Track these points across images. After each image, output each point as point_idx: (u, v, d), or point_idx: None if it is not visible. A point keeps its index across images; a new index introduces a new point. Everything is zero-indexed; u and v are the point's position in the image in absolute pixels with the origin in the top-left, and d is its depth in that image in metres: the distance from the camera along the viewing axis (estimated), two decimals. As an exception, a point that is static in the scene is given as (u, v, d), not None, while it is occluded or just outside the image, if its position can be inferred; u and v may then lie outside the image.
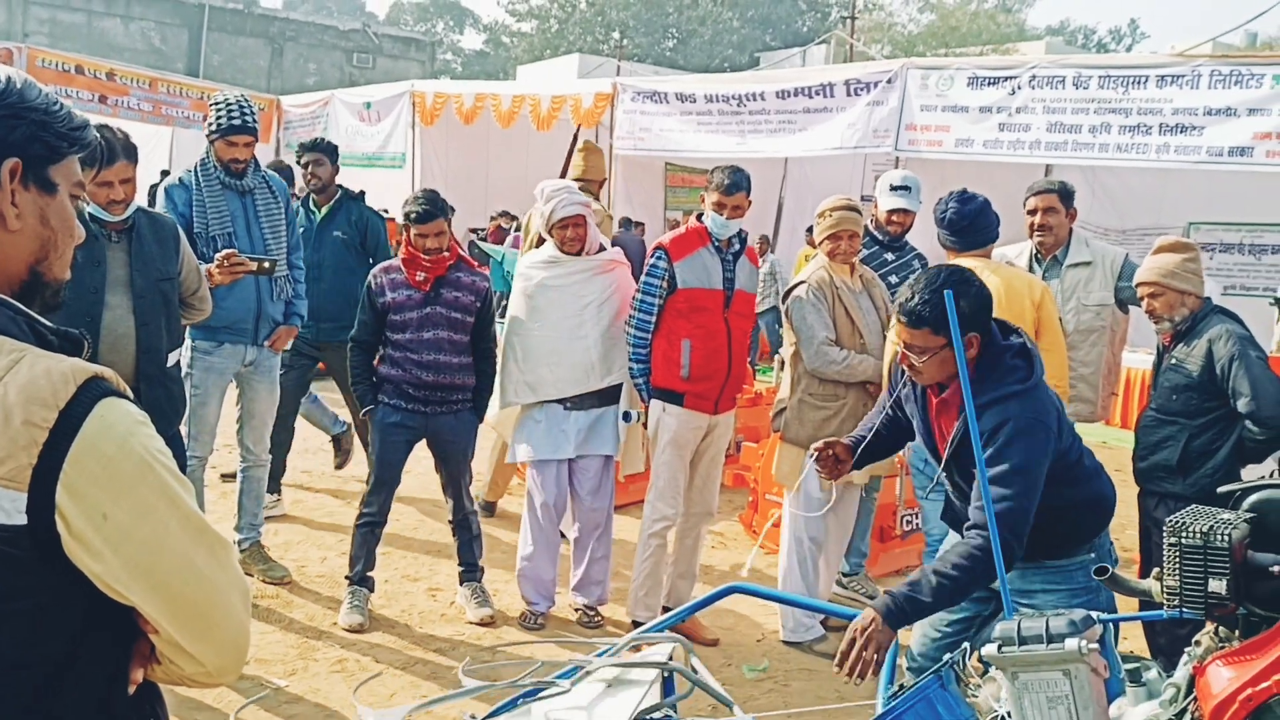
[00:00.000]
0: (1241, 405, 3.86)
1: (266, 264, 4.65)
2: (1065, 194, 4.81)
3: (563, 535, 5.04)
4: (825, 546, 4.75)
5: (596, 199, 6.94)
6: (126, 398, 1.22)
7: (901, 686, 2.63)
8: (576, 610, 4.98)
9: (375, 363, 4.80)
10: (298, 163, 6.12)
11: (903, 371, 3.14)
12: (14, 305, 1.24)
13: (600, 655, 2.60)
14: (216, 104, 4.92)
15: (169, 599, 1.21)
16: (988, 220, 4.32)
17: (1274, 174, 10.34)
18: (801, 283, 4.62)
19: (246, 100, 5.00)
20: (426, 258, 4.63)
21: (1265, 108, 9.97)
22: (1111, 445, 9.94)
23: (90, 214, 3.81)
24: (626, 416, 4.79)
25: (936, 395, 3.08)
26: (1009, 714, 2.45)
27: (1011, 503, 2.73)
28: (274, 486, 5.97)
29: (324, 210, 5.98)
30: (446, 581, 5.27)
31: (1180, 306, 4.06)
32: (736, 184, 4.52)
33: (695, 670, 2.53)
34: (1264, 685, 1.88)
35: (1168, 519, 2.06)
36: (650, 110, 14.86)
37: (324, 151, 6.07)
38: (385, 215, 9.73)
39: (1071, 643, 1.68)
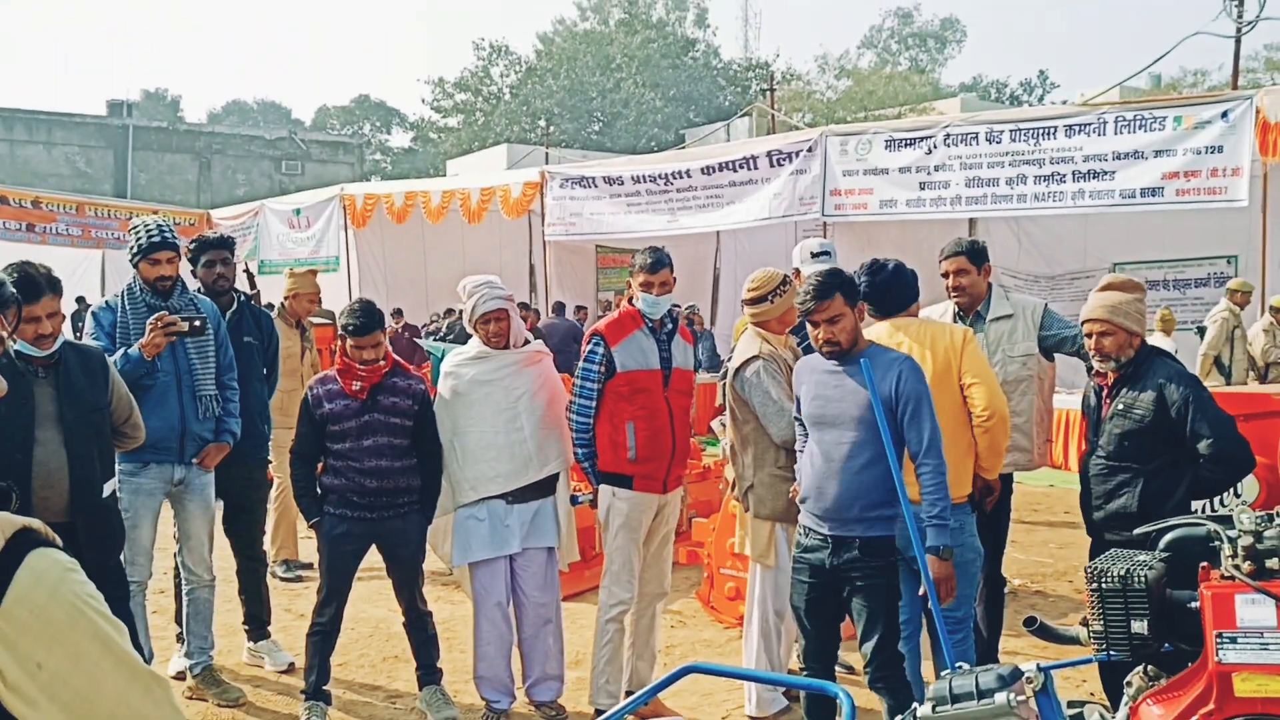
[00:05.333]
0: (1204, 446, 3.82)
1: (196, 322, 4.73)
2: (974, 253, 4.91)
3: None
4: (785, 616, 4.77)
5: (305, 319, 7.65)
6: (56, 546, 1.24)
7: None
8: (537, 707, 4.93)
9: (318, 473, 4.79)
10: (191, 260, 5.49)
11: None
12: None
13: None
14: (135, 228, 4.92)
15: None
16: (902, 284, 4.35)
17: (1186, 211, 10.70)
18: (754, 358, 4.62)
19: (165, 220, 5.02)
20: (362, 367, 4.64)
21: (1170, 148, 10.34)
22: (1059, 487, 10.10)
23: (16, 350, 3.80)
24: (574, 499, 4.80)
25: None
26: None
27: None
28: (261, 631, 5.61)
29: (229, 315, 5.44)
30: (406, 686, 5.21)
31: (1128, 347, 4.03)
32: (659, 261, 4.63)
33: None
34: (1193, 720, 1.94)
35: (1087, 565, 2.12)
36: (579, 195, 15.08)
37: (228, 248, 5.63)
38: (326, 319, 9.72)
39: (1000, 697, 1.72)
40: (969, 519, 4.23)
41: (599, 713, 4.59)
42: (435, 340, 14.89)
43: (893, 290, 4.33)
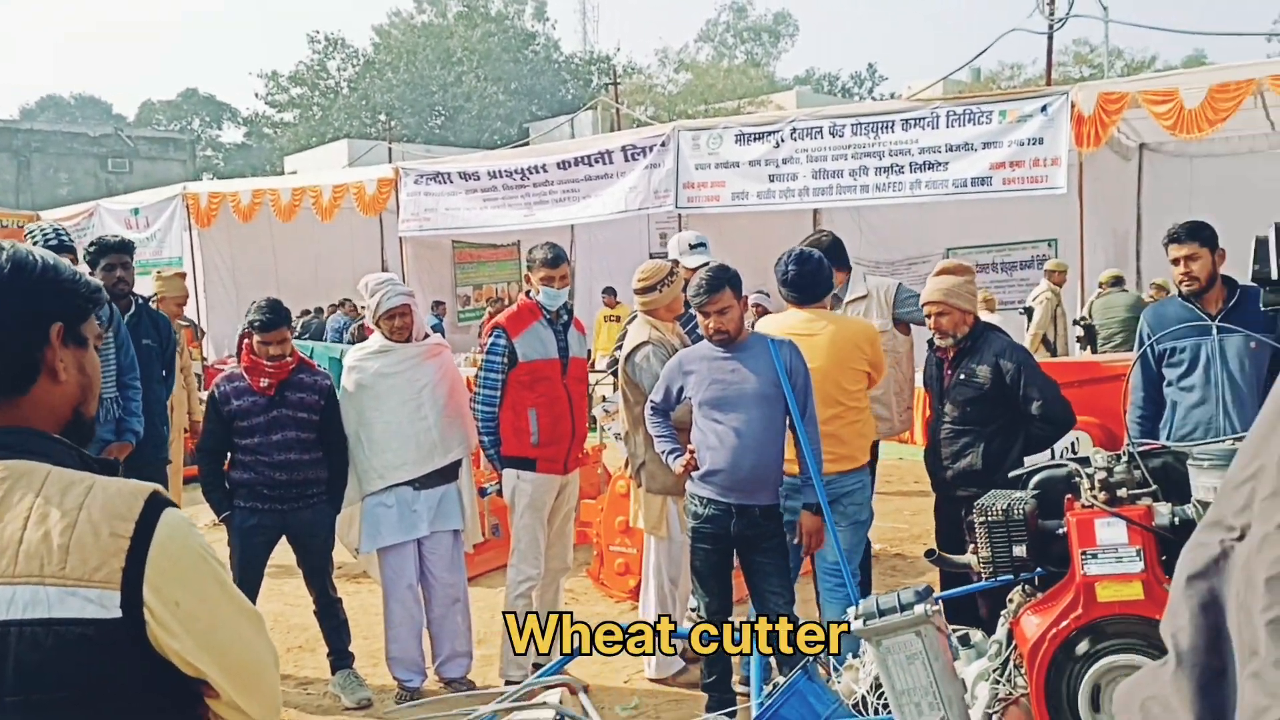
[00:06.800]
0: (1034, 408, 4.39)
1: None
2: (824, 248, 5.31)
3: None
4: (679, 583, 5.13)
5: (178, 316, 7.45)
6: (177, 506, 1.48)
7: (775, 685, 3.02)
8: (448, 684, 5.16)
9: (225, 468, 4.92)
10: (90, 263, 5.45)
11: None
12: (68, 442, 1.49)
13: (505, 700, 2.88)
14: (31, 234, 4.95)
15: (228, 666, 1.47)
16: (825, 275, 4.72)
17: (1012, 198, 11.52)
18: (644, 344, 4.94)
19: (61, 226, 5.04)
20: (269, 364, 4.79)
21: (997, 140, 11.10)
22: (908, 460, 10.78)
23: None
24: (483, 492, 5.05)
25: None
26: (868, 693, 2.87)
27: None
28: None
29: (128, 318, 5.53)
30: (314, 674, 5.36)
31: (963, 324, 4.56)
32: (559, 256, 4.95)
33: (586, 712, 2.85)
34: (1064, 624, 2.36)
35: (975, 503, 2.54)
36: (434, 191, 15.10)
37: (128, 252, 5.61)
38: (185, 322, 9.62)
39: (919, 608, 2.09)
40: (870, 481, 4.69)
41: (510, 684, 4.85)
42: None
43: (817, 280, 4.67)
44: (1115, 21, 35.55)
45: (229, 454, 4.91)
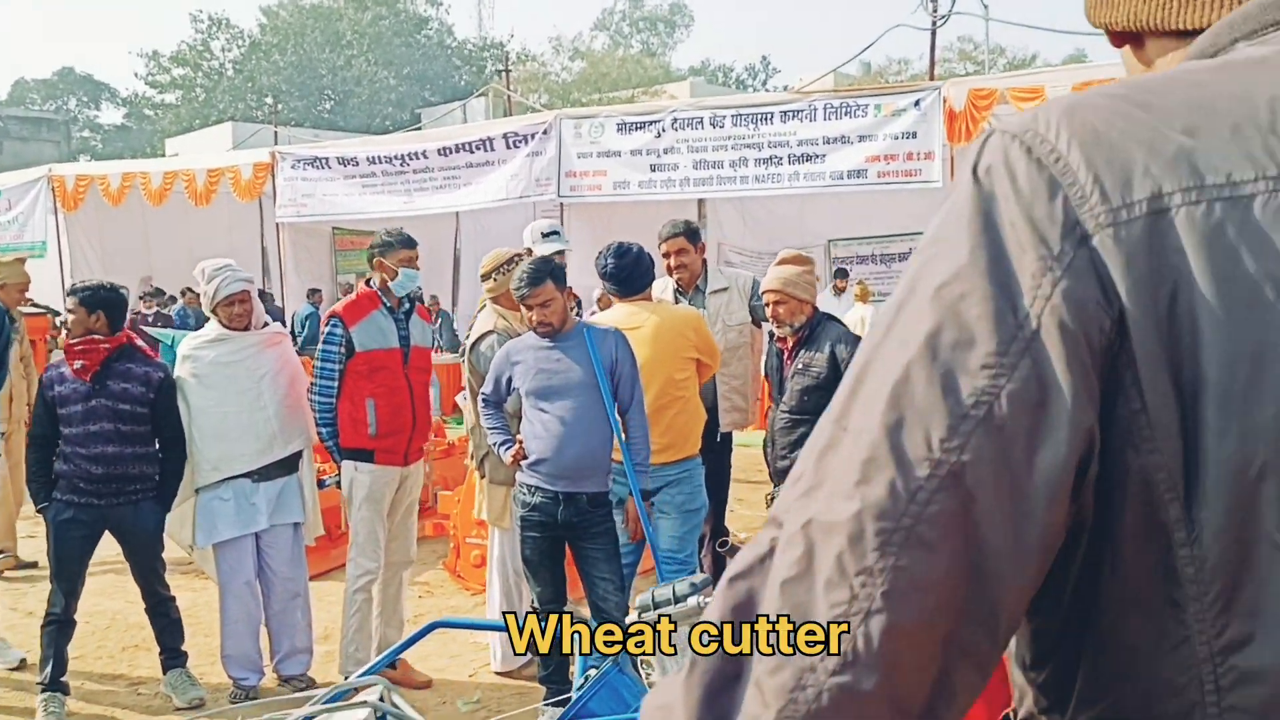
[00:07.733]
0: None
1: None
2: (691, 233, 5.34)
3: None
4: (524, 575, 5.06)
5: (13, 310, 6.81)
6: None
7: (587, 678, 2.96)
8: (286, 682, 5.01)
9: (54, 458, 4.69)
10: None
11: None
12: None
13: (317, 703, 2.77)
14: None
15: None
16: (643, 266, 4.69)
17: (888, 191, 11.69)
18: (489, 333, 4.85)
19: None
20: (77, 345, 4.57)
21: (872, 134, 11.25)
22: (754, 447, 10.88)
23: None
24: (322, 483, 4.91)
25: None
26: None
27: None
28: None
29: None
30: (149, 673, 5.16)
31: (800, 314, 4.59)
32: (409, 238, 4.84)
33: (398, 707, 2.76)
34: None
35: (767, 493, 2.52)
36: (312, 176, 14.79)
37: None
38: (39, 308, 9.19)
39: (693, 600, 2.06)
40: (699, 470, 4.67)
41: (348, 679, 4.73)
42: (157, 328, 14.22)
43: (636, 273, 4.65)
44: (995, 20, 36.48)
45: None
